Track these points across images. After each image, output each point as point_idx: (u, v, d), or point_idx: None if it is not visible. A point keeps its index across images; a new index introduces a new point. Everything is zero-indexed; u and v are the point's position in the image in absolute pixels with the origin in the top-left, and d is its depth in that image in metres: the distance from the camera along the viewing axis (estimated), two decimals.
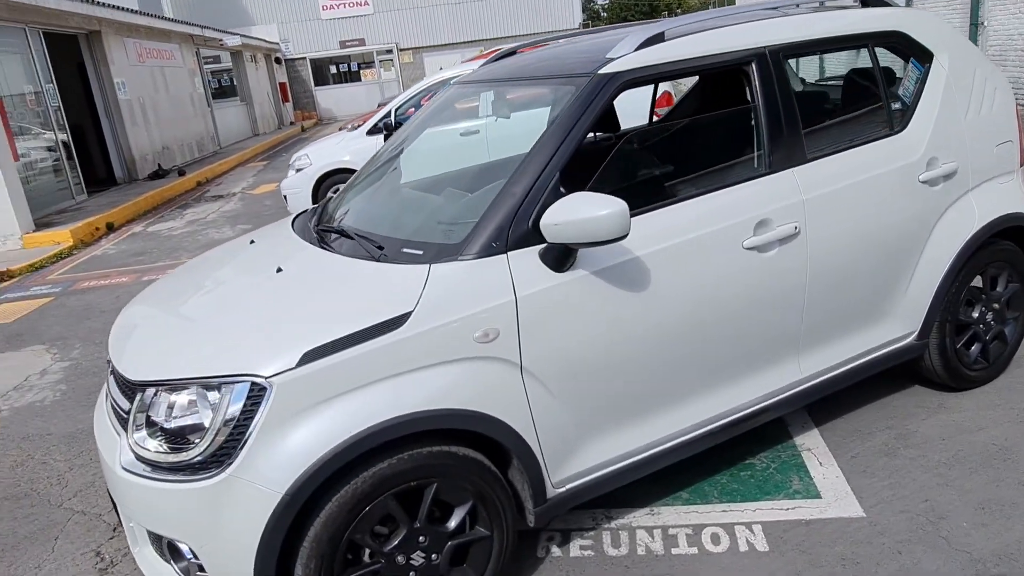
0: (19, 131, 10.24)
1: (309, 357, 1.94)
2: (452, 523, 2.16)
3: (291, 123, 26.47)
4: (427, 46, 28.26)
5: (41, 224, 9.66)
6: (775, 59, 2.63)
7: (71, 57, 12.67)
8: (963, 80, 3.01)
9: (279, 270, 2.40)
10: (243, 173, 14.87)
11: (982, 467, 2.75)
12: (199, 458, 1.93)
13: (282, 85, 27.10)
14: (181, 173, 14.00)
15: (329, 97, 29.16)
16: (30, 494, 3.41)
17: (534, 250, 2.19)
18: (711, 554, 2.47)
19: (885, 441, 2.98)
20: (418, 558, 2.13)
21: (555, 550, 2.59)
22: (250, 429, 1.91)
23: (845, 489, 2.71)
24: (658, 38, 2.52)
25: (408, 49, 28.47)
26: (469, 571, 2.24)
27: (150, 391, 2.04)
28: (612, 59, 2.44)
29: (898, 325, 2.97)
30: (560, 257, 2.17)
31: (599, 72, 2.40)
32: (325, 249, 2.49)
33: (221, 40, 19.55)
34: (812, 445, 3.01)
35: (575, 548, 2.58)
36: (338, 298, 2.14)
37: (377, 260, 2.27)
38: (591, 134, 3.68)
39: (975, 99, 3.03)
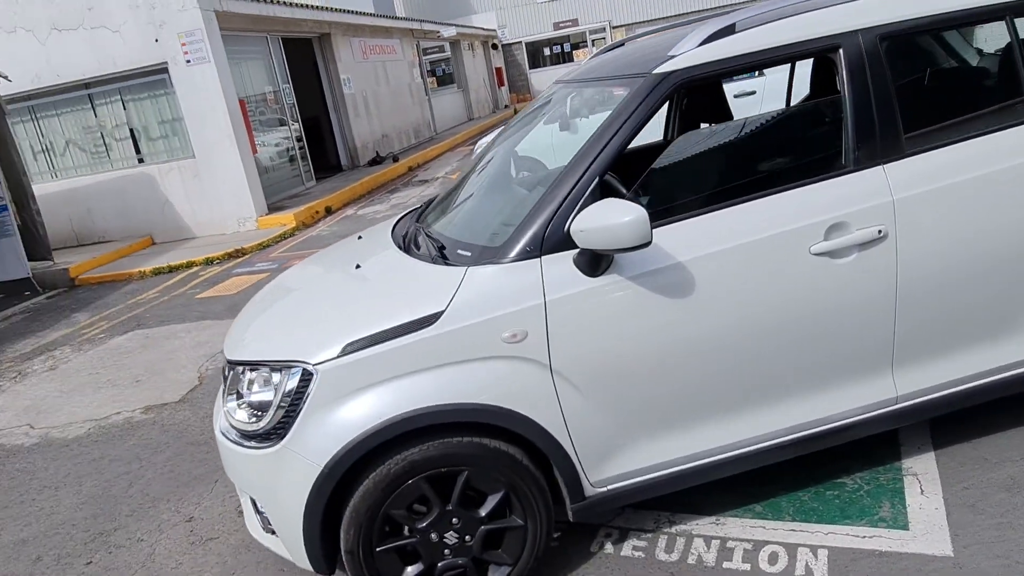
0: (260, 126, 11.87)
1: (349, 349, 2.19)
2: (484, 510, 2.30)
3: (505, 106, 27.60)
4: (640, 22, 27.83)
5: (274, 208, 11.15)
6: (869, 43, 2.37)
7: (305, 58, 14.33)
8: None
9: (358, 267, 2.68)
10: (450, 158, 15.89)
11: None
12: (264, 429, 2.26)
13: (498, 70, 28.30)
14: (395, 159, 15.30)
15: (543, 79, 29.86)
16: (209, 441, 4.10)
17: (569, 255, 2.23)
18: (763, 573, 2.37)
19: (1013, 474, 2.60)
20: (452, 538, 2.31)
21: (608, 547, 2.62)
22: (300, 408, 2.20)
23: (941, 523, 2.43)
24: (728, 30, 2.40)
25: (621, 26, 28.26)
26: (504, 556, 2.37)
27: (238, 369, 2.41)
28: (673, 56, 2.38)
29: None
30: (592, 262, 2.20)
31: (653, 72, 2.36)
32: (402, 249, 2.72)
33: (438, 32, 20.87)
34: (921, 469, 2.71)
35: (628, 547, 2.60)
36: (389, 296, 2.36)
37: (433, 261, 2.45)
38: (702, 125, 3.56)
39: None
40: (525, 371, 2.22)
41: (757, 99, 7.58)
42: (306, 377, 2.21)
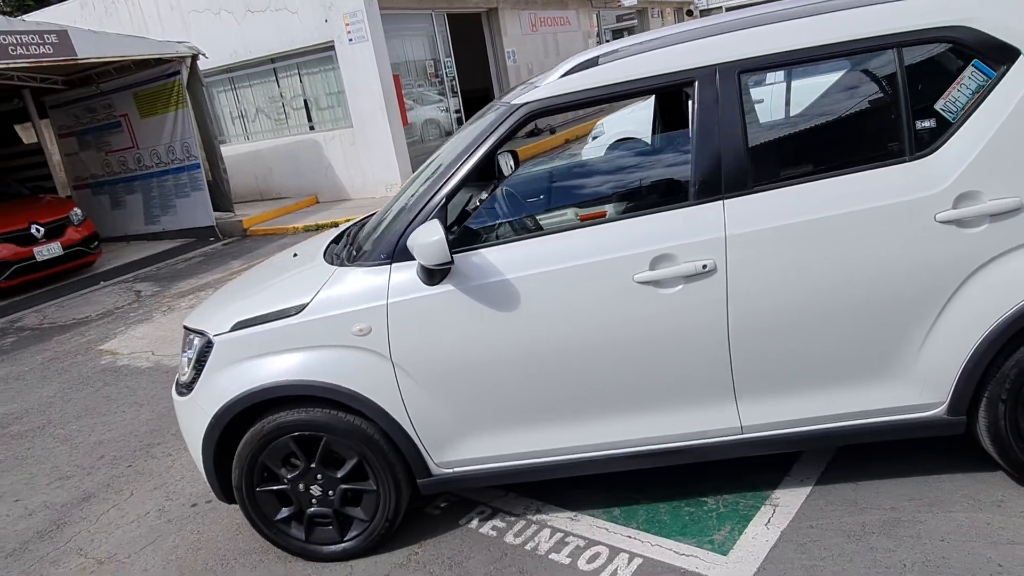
0: (418, 99, 12.81)
1: (238, 326, 2.70)
2: (341, 472, 2.74)
3: None
4: None
5: None
6: (723, 79, 2.39)
7: (471, 32, 15.03)
8: None
9: (295, 255, 3.17)
10: None
11: None
12: (185, 382, 2.86)
13: None
14: (552, 131, 15.65)
15: None
16: None
17: (414, 264, 2.55)
18: (577, 569, 2.57)
19: (870, 521, 2.53)
20: (316, 491, 2.77)
21: (474, 523, 2.94)
22: (203, 369, 2.76)
23: (759, 555, 2.47)
24: (591, 63, 2.54)
25: None
26: (361, 513, 2.79)
27: (185, 333, 3.03)
28: (536, 87, 2.57)
29: (909, 391, 2.45)
30: (427, 272, 2.50)
31: (511, 102, 2.57)
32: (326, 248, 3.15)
33: (619, 1, 20.66)
34: (786, 501, 2.71)
35: (488, 526, 2.91)
36: (283, 287, 2.82)
37: (330, 261, 2.87)
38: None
39: None
40: (370, 360, 2.60)
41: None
42: (208, 345, 2.76)
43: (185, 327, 3.01)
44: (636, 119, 7.96)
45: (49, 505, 3.73)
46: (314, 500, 2.79)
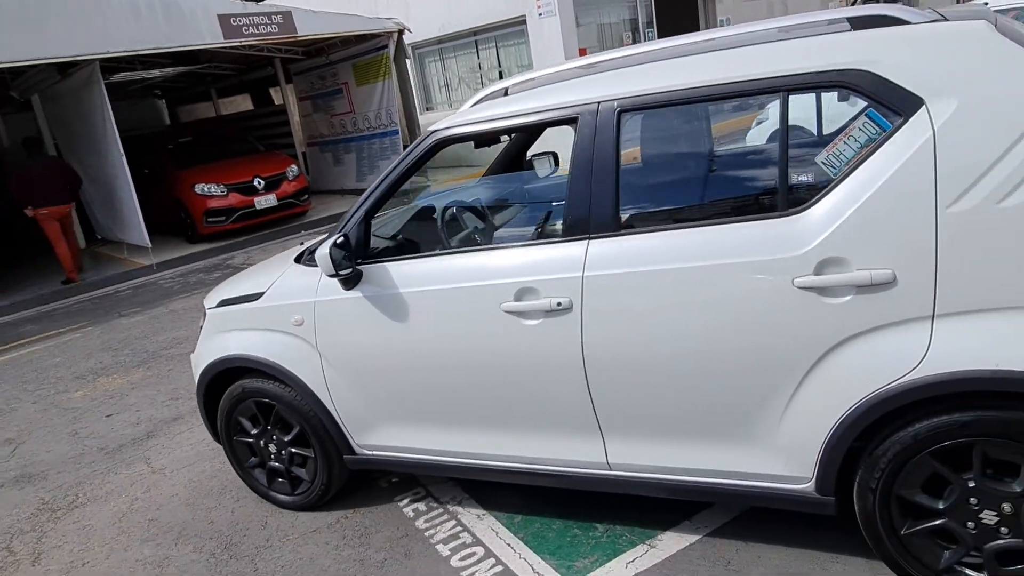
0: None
1: (220, 304, 3.25)
2: (287, 437, 3.20)
3: None
4: None
5: None
6: (603, 117, 2.37)
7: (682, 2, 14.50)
8: (974, 143, 1.91)
9: (301, 243, 3.65)
10: None
11: None
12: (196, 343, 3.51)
13: None
14: None
15: None
16: None
17: None
18: (447, 563, 2.79)
19: None
20: (272, 449, 3.28)
21: (404, 502, 3.27)
22: (199, 335, 3.37)
23: None
24: (500, 93, 2.64)
25: None
26: (305, 474, 3.25)
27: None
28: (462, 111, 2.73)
29: (773, 461, 2.29)
30: (340, 278, 2.82)
31: (431, 128, 2.75)
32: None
33: None
34: (665, 546, 2.67)
35: (412, 507, 3.21)
36: (257, 278, 3.29)
37: (295, 259, 3.27)
38: None
39: (1001, 174, 1.89)
40: (303, 347, 3.00)
41: None
42: (205, 316, 3.36)
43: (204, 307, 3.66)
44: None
45: (152, 419, 4.71)
46: (271, 456, 3.31)
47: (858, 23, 2.20)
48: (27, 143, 9.44)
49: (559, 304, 2.41)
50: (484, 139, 2.67)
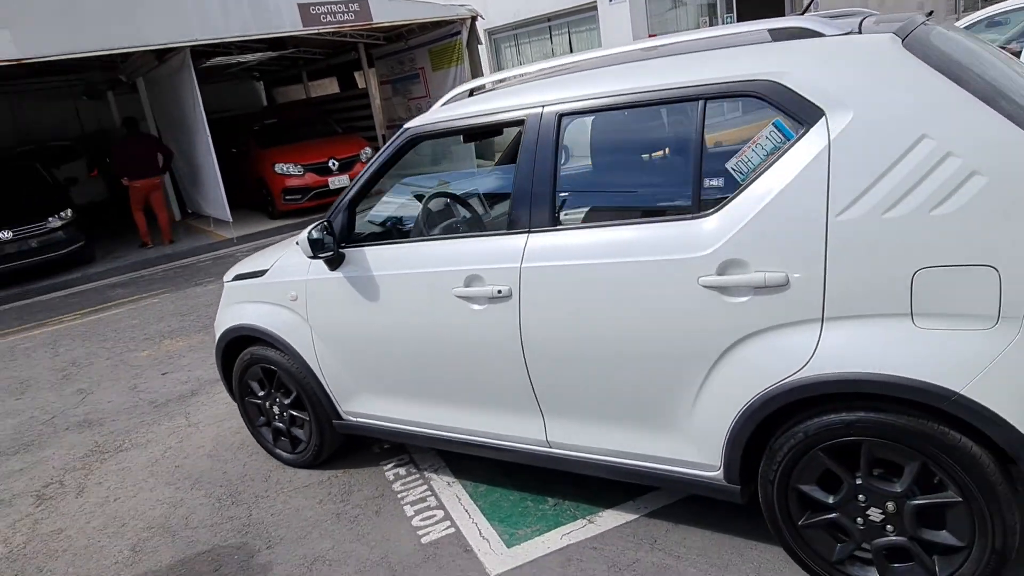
0: None
1: (234, 279, 3.64)
2: (287, 400, 3.56)
3: None
4: None
5: None
6: (546, 121, 2.54)
7: None
8: (864, 155, 1.99)
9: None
10: None
11: None
12: None
13: None
14: None
15: None
16: None
17: None
18: (409, 523, 3.07)
19: (644, 562, 2.59)
20: (276, 410, 3.65)
21: (388, 466, 3.57)
22: (219, 307, 3.78)
23: (528, 557, 2.71)
24: (469, 93, 2.85)
25: None
26: (302, 435, 3.60)
27: None
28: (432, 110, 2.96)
29: (687, 448, 2.43)
30: (322, 259, 3.12)
31: (406, 125, 2.99)
32: None
33: None
34: (602, 522, 2.85)
35: (393, 472, 3.51)
36: (267, 255, 3.64)
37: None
38: None
39: (886, 187, 1.97)
40: (297, 320, 3.33)
41: None
42: (224, 289, 3.76)
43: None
44: None
45: (199, 379, 5.22)
46: (275, 417, 3.68)
47: (777, 35, 2.28)
48: (126, 122, 10.41)
49: (499, 291, 2.62)
50: (451, 136, 2.89)
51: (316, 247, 2.95)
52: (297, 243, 3.44)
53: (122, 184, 10.22)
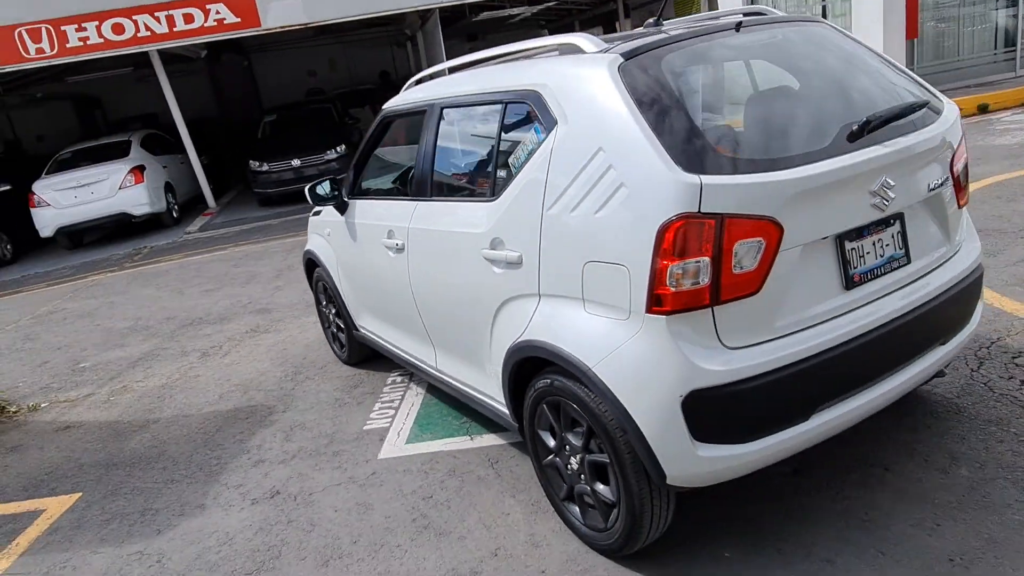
0: (953, 8, 10.90)
1: (314, 214, 4.81)
2: (332, 312, 4.67)
3: None
4: None
5: None
6: (434, 112, 3.16)
7: None
8: (566, 161, 2.36)
9: None
10: None
11: None
12: None
13: None
14: None
15: None
16: None
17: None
18: (368, 417, 4.00)
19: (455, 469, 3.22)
20: (331, 316, 4.79)
21: (391, 377, 4.51)
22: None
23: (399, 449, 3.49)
24: (423, 80, 3.56)
25: None
26: (344, 338, 4.70)
27: None
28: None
29: (494, 387, 2.98)
30: (327, 205, 4.09)
31: (384, 107, 3.78)
32: None
33: None
34: (478, 441, 3.48)
35: (391, 382, 4.44)
36: None
37: None
38: None
39: (575, 189, 2.33)
40: (329, 250, 4.39)
41: None
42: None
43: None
44: None
45: (263, 319, 6.63)
46: (330, 321, 4.83)
47: (562, 49, 2.62)
48: (382, 75, 12.39)
49: (398, 245, 3.37)
50: (401, 118, 3.62)
51: (314, 199, 3.94)
52: None
53: None
